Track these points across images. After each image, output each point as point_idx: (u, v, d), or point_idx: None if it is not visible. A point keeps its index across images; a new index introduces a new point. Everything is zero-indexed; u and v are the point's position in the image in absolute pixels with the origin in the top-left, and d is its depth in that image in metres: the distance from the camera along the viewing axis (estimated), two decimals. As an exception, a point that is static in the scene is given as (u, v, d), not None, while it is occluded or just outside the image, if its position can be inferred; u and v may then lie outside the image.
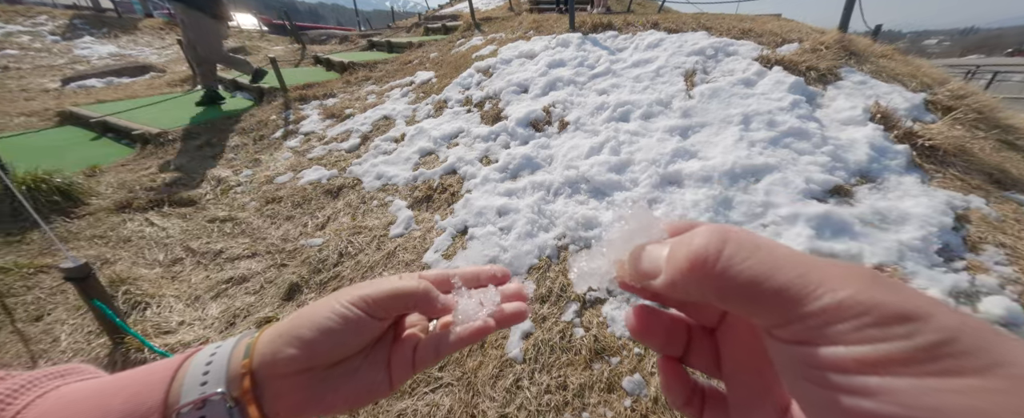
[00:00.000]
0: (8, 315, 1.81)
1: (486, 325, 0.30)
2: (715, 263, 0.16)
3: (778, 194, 1.89)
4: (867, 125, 2.18)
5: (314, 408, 0.27)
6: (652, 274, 0.19)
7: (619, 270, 0.22)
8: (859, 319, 0.13)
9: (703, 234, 0.17)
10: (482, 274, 0.34)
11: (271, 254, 2.28)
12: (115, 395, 0.24)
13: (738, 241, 0.16)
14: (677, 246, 0.18)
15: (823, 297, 0.14)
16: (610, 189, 2.27)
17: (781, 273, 0.15)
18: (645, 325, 0.23)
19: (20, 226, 2.42)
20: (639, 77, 2.99)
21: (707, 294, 0.17)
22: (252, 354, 0.26)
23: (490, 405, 1.46)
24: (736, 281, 0.15)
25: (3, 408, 0.24)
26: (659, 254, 0.19)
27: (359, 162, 3.08)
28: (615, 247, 0.22)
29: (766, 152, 2.11)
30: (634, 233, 0.21)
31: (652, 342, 0.23)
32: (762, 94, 2.48)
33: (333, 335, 0.26)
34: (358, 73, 5.06)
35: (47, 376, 0.27)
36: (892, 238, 1.61)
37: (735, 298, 0.16)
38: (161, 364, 0.26)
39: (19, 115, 4.48)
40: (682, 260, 0.17)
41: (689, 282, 0.17)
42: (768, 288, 0.15)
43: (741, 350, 0.21)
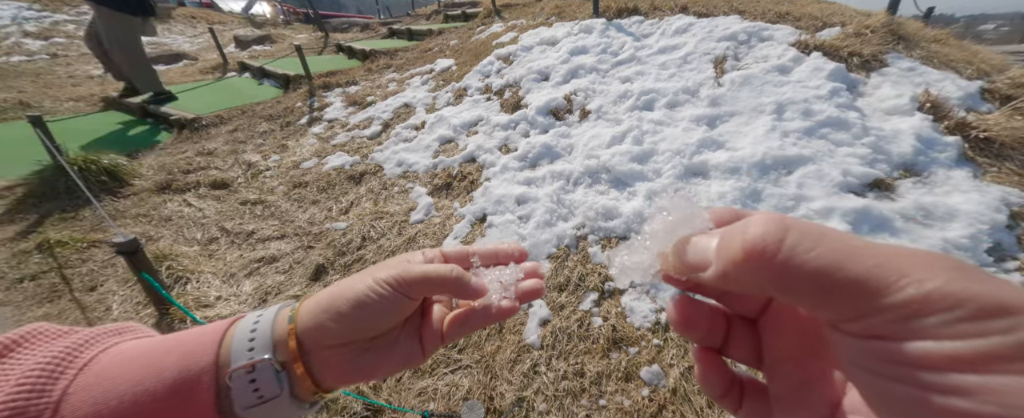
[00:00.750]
0: (67, 285, 1.97)
1: (512, 306, 0.31)
2: (776, 252, 0.15)
3: (812, 187, 1.80)
4: (914, 115, 2.04)
5: (357, 376, 0.29)
6: (701, 266, 0.18)
7: (663, 263, 0.21)
8: (951, 312, 0.12)
9: (760, 222, 0.16)
10: (500, 252, 0.35)
11: (298, 236, 2.37)
12: (169, 353, 0.26)
13: (801, 229, 0.15)
14: (730, 236, 0.17)
15: (907, 288, 0.13)
16: (632, 180, 2.22)
17: (855, 262, 0.14)
18: (687, 316, 0.22)
19: (74, 204, 2.61)
20: (665, 64, 2.89)
21: (766, 286, 0.16)
22: (296, 319, 0.28)
23: (507, 388, 1.49)
24: (801, 271, 0.14)
25: (71, 360, 0.26)
26: (707, 245, 0.18)
27: (380, 149, 3.13)
28: (657, 239, 0.21)
29: (800, 143, 2.01)
30: (677, 224, 0.20)
31: (694, 334, 0.22)
32: (798, 82, 2.35)
33: (369, 311, 0.28)
34: (379, 61, 5.10)
35: (107, 333, 0.30)
36: (937, 235, 1.51)
37: (800, 290, 0.15)
38: (209, 327, 0.28)
39: (68, 100, 4.78)
40: (737, 250, 0.16)
41: (744, 273, 0.16)
42: (841, 279, 0.14)
43: (785, 341, 0.20)
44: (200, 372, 0.25)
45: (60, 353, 0.26)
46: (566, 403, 1.42)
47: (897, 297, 0.13)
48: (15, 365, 0.25)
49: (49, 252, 2.20)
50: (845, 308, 0.14)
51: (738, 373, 0.22)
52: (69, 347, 0.27)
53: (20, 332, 0.27)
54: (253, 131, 3.74)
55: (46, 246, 2.21)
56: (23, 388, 0.24)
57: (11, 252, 2.21)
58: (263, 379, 0.26)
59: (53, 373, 0.25)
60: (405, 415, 1.43)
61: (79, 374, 0.26)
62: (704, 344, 0.22)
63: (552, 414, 1.40)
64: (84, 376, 0.25)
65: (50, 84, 5.52)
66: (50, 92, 5.12)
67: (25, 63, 6.41)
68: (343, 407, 1.44)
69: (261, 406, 0.26)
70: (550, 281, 1.86)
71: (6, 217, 2.52)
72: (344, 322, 0.27)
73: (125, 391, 0.24)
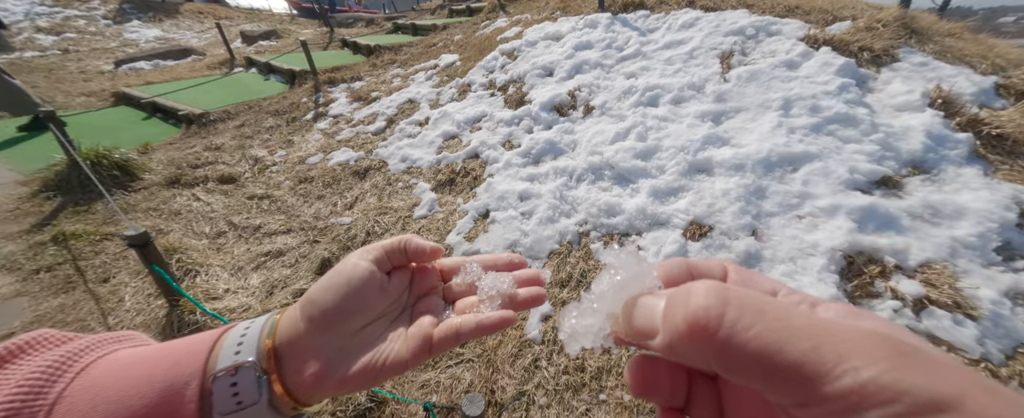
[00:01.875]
0: (81, 276, 2.03)
1: (503, 318, 0.30)
2: (717, 330, 0.14)
3: (817, 184, 1.78)
4: (925, 111, 2.00)
5: (332, 380, 0.27)
6: (648, 333, 0.17)
7: (613, 325, 0.20)
8: (887, 407, 0.12)
9: (701, 293, 0.16)
10: (499, 261, 0.34)
11: (304, 231, 2.40)
12: (161, 362, 0.27)
13: (740, 304, 0.15)
14: (674, 304, 0.16)
15: (843, 377, 0.12)
16: (635, 176, 2.22)
17: (792, 345, 0.13)
18: (647, 380, 0.20)
19: (87, 197, 2.67)
20: (671, 59, 2.86)
21: (709, 362, 0.15)
22: (275, 332, 0.29)
23: (509, 382, 1.51)
24: (742, 353, 0.14)
25: (70, 365, 0.27)
26: (654, 308, 0.17)
27: (385, 145, 3.15)
28: (606, 299, 0.20)
29: (807, 139, 1.98)
30: (625, 283, 0.20)
31: (656, 398, 0.20)
32: (806, 77, 2.31)
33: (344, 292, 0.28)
34: (384, 56, 5.11)
35: (107, 340, 0.31)
36: (944, 233, 1.49)
37: (743, 372, 0.14)
38: (202, 336, 0.29)
39: (80, 95, 4.86)
40: (681, 323, 0.15)
41: (690, 348, 0.15)
42: (780, 362, 0.13)
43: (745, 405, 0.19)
44: (189, 378, 0.26)
45: (59, 357, 0.27)
46: (566, 397, 1.44)
47: (835, 387, 0.12)
48: (17, 370, 0.26)
49: (64, 244, 2.25)
50: (788, 394, 0.13)
51: None
52: (69, 352, 0.28)
53: (26, 338, 0.28)
54: (260, 126, 3.78)
55: (61, 238, 2.27)
56: (22, 389, 0.25)
57: (27, 244, 2.27)
58: (244, 384, 0.26)
59: (51, 376, 0.26)
60: (408, 406, 1.46)
61: (76, 378, 0.27)
62: (667, 405, 0.21)
63: (552, 408, 1.41)
64: (81, 380, 0.26)
65: (62, 79, 5.62)
66: (62, 87, 5.21)
67: (38, 58, 6.52)
68: (348, 398, 1.47)
69: (238, 413, 0.26)
70: (552, 277, 1.87)
71: (22, 209, 2.59)
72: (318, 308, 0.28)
73: (117, 396, 0.25)
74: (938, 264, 1.43)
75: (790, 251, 1.62)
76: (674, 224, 1.90)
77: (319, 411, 1.44)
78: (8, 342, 0.27)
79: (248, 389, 0.26)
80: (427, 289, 0.34)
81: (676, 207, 1.96)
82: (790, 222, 1.72)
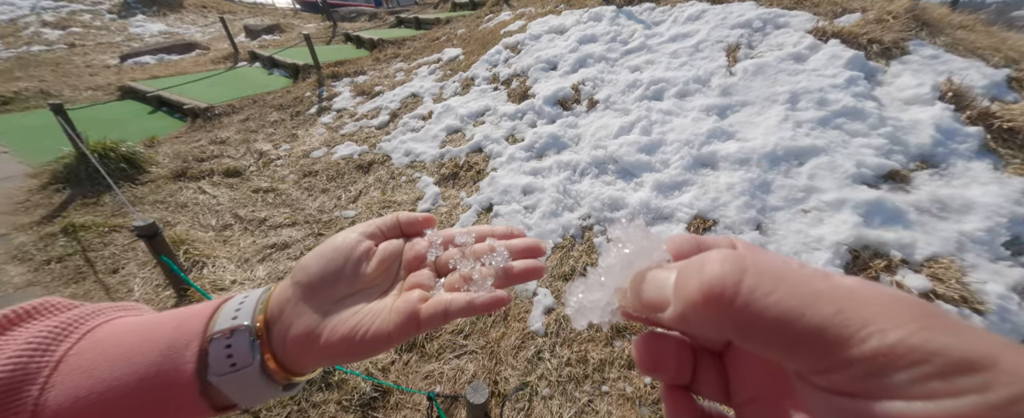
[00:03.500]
0: (91, 267, 2.06)
1: (497, 297, 0.28)
2: (734, 297, 0.14)
3: (824, 178, 1.77)
4: (935, 105, 1.97)
5: (316, 344, 0.27)
6: (659, 305, 0.17)
7: (621, 299, 0.19)
8: (917, 368, 0.11)
9: (716, 261, 0.15)
10: (496, 232, 0.33)
11: (309, 224, 2.42)
12: (164, 324, 0.28)
13: (759, 269, 0.14)
14: (686, 275, 0.16)
15: (869, 340, 0.12)
16: (639, 170, 2.21)
17: (814, 309, 0.13)
18: (655, 357, 0.20)
19: (95, 190, 2.70)
20: (676, 53, 2.83)
21: (727, 332, 0.14)
22: (269, 300, 0.29)
23: (512, 373, 1.53)
24: (761, 319, 0.13)
25: (76, 327, 0.28)
26: (664, 281, 0.17)
27: (388, 139, 3.16)
28: (614, 273, 0.20)
29: (813, 133, 1.96)
30: (633, 257, 0.19)
31: (664, 375, 0.20)
32: (814, 70, 2.28)
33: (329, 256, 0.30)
34: (387, 50, 5.09)
35: (112, 308, 0.32)
36: (952, 228, 1.48)
37: (761, 339, 0.14)
38: (203, 304, 0.30)
39: (87, 89, 4.89)
40: (695, 292, 0.15)
41: (704, 318, 0.15)
42: (801, 328, 0.13)
43: (753, 380, 0.19)
44: (189, 339, 0.27)
45: (65, 320, 0.29)
46: (569, 388, 1.45)
47: (861, 349, 0.12)
48: (24, 331, 0.27)
49: (73, 235, 2.29)
50: (809, 360, 0.13)
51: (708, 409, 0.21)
52: (75, 316, 0.29)
53: (33, 303, 0.29)
54: (264, 120, 3.79)
55: (70, 229, 2.31)
56: (30, 345, 0.26)
57: (38, 235, 2.31)
58: (237, 346, 0.27)
59: (58, 337, 0.27)
60: (412, 396, 1.48)
61: (82, 339, 0.28)
62: (673, 382, 0.20)
63: (555, 399, 1.43)
64: (86, 341, 0.27)
65: (69, 73, 5.66)
66: (69, 81, 5.24)
67: (45, 52, 6.56)
68: (353, 388, 1.50)
69: (232, 374, 0.26)
70: (555, 270, 1.87)
71: (32, 201, 2.63)
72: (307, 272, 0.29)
73: (120, 355, 0.26)
74: (945, 258, 1.42)
75: (795, 245, 1.62)
76: (678, 218, 1.90)
77: (325, 400, 1.47)
78: (16, 306, 0.28)
79: (242, 351, 0.27)
80: (418, 262, 0.33)
81: (680, 201, 1.95)
82: (795, 216, 1.71)
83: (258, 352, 0.27)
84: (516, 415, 1.39)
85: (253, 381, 0.27)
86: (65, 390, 0.25)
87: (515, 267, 0.31)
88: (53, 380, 0.25)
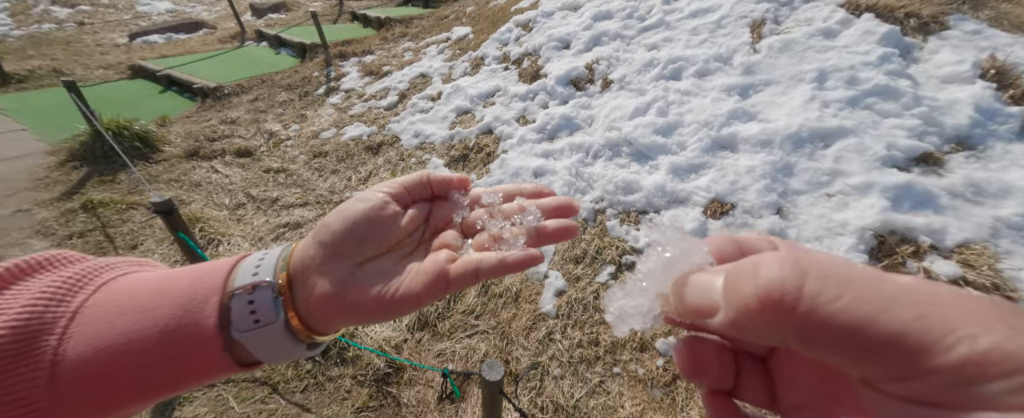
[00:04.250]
0: (111, 243, 2.11)
1: (531, 255, 0.27)
2: (796, 303, 0.13)
3: (850, 161, 1.69)
4: (975, 83, 1.85)
5: (341, 304, 0.26)
6: (706, 311, 0.16)
7: (664, 304, 0.19)
8: (1014, 378, 0.10)
9: (773, 265, 0.14)
10: (524, 190, 0.32)
11: (320, 204, 2.43)
12: (181, 278, 0.27)
13: (822, 272, 0.13)
14: (738, 278, 0.15)
15: (957, 346, 0.11)
16: (654, 153, 2.15)
17: (890, 315, 0.12)
18: (698, 362, 0.19)
19: (111, 167, 2.74)
20: (696, 29, 2.70)
21: (787, 339, 0.14)
22: (290, 258, 0.28)
23: (523, 353, 1.54)
24: (828, 326, 0.12)
25: (92, 278, 0.27)
26: (710, 285, 0.16)
27: (397, 120, 3.12)
28: (654, 278, 0.19)
29: (842, 114, 1.87)
30: (673, 260, 0.19)
31: (706, 380, 0.19)
32: (845, 47, 2.16)
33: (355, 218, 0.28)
34: (394, 29, 4.98)
35: (126, 262, 0.31)
36: (986, 213, 1.41)
37: (827, 346, 0.13)
38: (220, 261, 0.29)
39: (98, 68, 4.91)
40: (750, 298, 0.14)
41: (761, 325, 0.14)
42: (876, 335, 0.12)
43: (803, 385, 0.18)
44: (208, 294, 0.26)
45: (81, 271, 0.28)
46: (581, 369, 1.45)
47: (946, 358, 0.11)
48: (37, 281, 0.26)
49: (93, 212, 2.33)
50: (885, 368, 0.12)
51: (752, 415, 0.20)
52: (89, 268, 0.28)
53: (45, 255, 0.28)
54: (273, 100, 3.77)
55: (90, 206, 2.35)
56: (44, 295, 0.25)
57: (59, 211, 2.36)
58: (260, 302, 0.26)
59: (73, 287, 0.26)
60: (425, 373, 1.50)
61: (98, 291, 0.27)
62: (715, 387, 0.20)
63: (566, 379, 1.44)
64: (102, 293, 0.26)
65: (79, 52, 5.67)
66: (81, 60, 5.26)
67: (55, 31, 6.57)
68: (367, 363, 1.52)
69: (256, 330, 0.26)
70: (566, 253, 1.85)
71: (52, 178, 2.68)
72: (331, 234, 0.27)
73: (138, 307, 0.25)
74: (978, 244, 1.36)
75: (817, 230, 1.57)
76: (694, 202, 1.85)
77: (340, 374, 1.50)
78: (28, 256, 0.27)
79: (265, 308, 0.26)
80: (446, 223, 0.32)
81: (697, 184, 1.90)
82: (818, 200, 1.65)
83: (281, 309, 0.26)
84: (528, 394, 1.41)
85: (278, 338, 0.26)
86: (85, 340, 0.24)
87: (548, 226, 0.29)
88: (71, 330, 0.24)
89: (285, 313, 0.26)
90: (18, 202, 2.43)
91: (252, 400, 1.43)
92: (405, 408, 1.41)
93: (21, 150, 3.02)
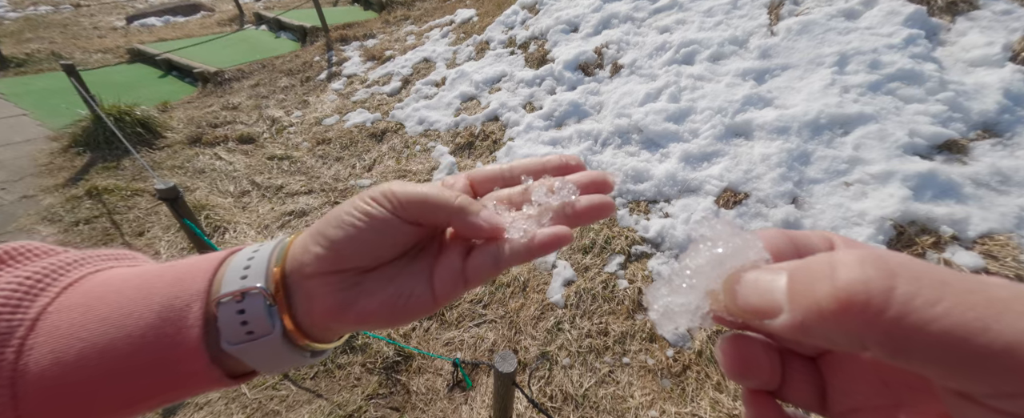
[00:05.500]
0: (117, 229, 2.10)
1: (559, 234, 0.23)
2: (884, 308, 0.12)
3: (871, 149, 1.64)
4: (1005, 66, 1.77)
5: (348, 315, 0.23)
6: (766, 311, 0.15)
7: (713, 302, 0.18)
8: None
9: (855, 264, 0.13)
10: (548, 164, 0.27)
11: (325, 192, 2.41)
12: (161, 277, 0.24)
13: (914, 275, 0.12)
14: (809, 278, 0.14)
15: None
16: (665, 140, 2.09)
17: (1004, 323, 0.11)
18: (747, 362, 0.18)
19: (114, 154, 2.72)
20: (711, 11, 2.59)
21: (868, 345, 0.12)
22: (284, 259, 0.24)
23: (531, 342, 1.53)
24: (924, 334, 0.11)
25: (55, 279, 0.24)
26: (771, 284, 0.15)
27: (401, 106, 3.06)
28: (704, 274, 0.18)
29: (862, 99, 1.80)
30: (725, 256, 0.17)
31: (755, 381, 0.18)
32: (867, 28, 2.06)
33: (357, 232, 0.23)
34: (396, 12, 4.85)
35: (101, 256, 0.28)
36: (1012, 202, 1.37)
37: (920, 356, 0.12)
38: (206, 257, 0.25)
39: (96, 51, 4.83)
40: (826, 299, 0.13)
41: (836, 329, 0.13)
42: (982, 346, 0.11)
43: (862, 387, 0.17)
44: (190, 299, 0.23)
45: (43, 269, 0.24)
46: (590, 359, 1.45)
47: None
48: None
49: (98, 198, 2.33)
50: (992, 382, 0.11)
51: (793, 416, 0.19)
52: (55, 265, 0.25)
53: (7, 247, 0.25)
54: (274, 86, 3.70)
55: (95, 192, 2.34)
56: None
57: (64, 197, 2.36)
58: (252, 312, 0.23)
59: (32, 289, 0.23)
60: (434, 361, 1.51)
61: (62, 293, 0.23)
62: (760, 388, 0.19)
63: (575, 369, 1.44)
64: (68, 296, 0.23)
65: (77, 35, 5.58)
66: (78, 43, 5.18)
67: (52, 13, 6.46)
68: (376, 352, 1.53)
69: (250, 343, 0.23)
70: (575, 243, 1.83)
71: (56, 164, 2.66)
72: (330, 247, 0.23)
73: (109, 314, 0.22)
74: (1002, 235, 1.32)
75: (833, 220, 1.53)
76: (706, 191, 1.81)
77: (350, 362, 1.51)
78: None
79: (258, 318, 0.23)
80: None
81: (709, 173, 1.85)
82: (836, 189, 1.61)
83: (277, 318, 0.23)
84: (537, 383, 1.41)
85: (276, 349, 0.23)
86: (47, 353, 0.21)
87: (579, 203, 0.25)
88: (30, 341, 0.21)
89: (281, 322, 0.23)
90: (24, 188, 2.42)
91: (263, 386, 1.44)
92: (415, 396, 1.42)
93: (24, 135, 3.00)
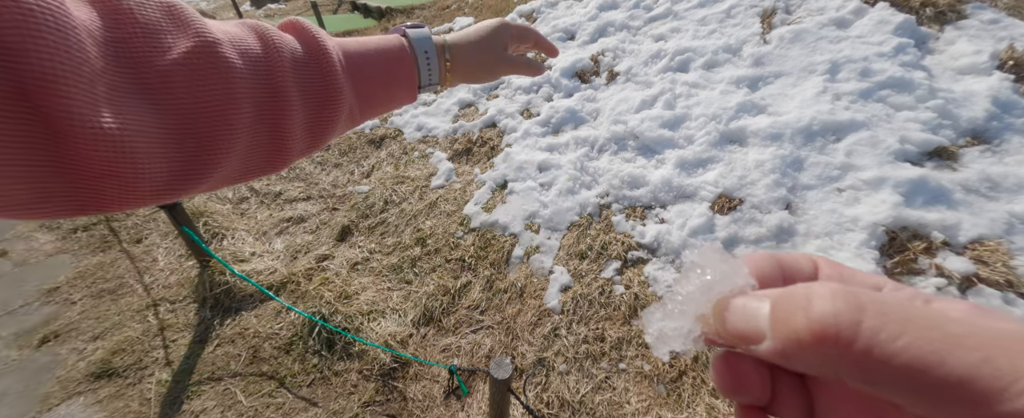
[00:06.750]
0: (115, 236, 2.11)
1: None
2: (853, 340, 0.13)
3: (863, 155, 1.66)
4: (992, 75, 1.80)
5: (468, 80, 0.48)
6: (751, 337, 0.16)
7: (705, 326, 0.19)
8: None
9: (827, 298, 0.14)
10: None
11: (323, 198, 2.42)
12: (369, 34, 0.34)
13: (880, 309, 0.13)
14: (788, 308, 0.15)
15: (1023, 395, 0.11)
16: (661, 147, 2.12)
17: (956, 357, 0.12)
18: (738, 379, 0.19)
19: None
20: (705, 19, 2.63)
21: (841, 374, 0.13)
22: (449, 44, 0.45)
23: (528, 348, 1.54)
24: (888, 366, 0.12)
25: None
26: (755, 312, 0.16)
27: (399, 113, 3.08)
28: (694, 300, 0.19)
29: (854, 107, 1.83)
30: (713, 283, 0.18)
31: (747, 397, 0.19)
32: (858, 37, 2.10)
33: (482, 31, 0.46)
34: (396, 20, 4.91)
35: None
36: (1001, 208, 1.39)
37: (887, 386, 0.12)
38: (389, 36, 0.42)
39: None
40: (802, 331, 0.14)
41: (812, 357, 0.14)
42: (940, 378, 0.12)
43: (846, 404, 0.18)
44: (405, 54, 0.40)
45: None
46: (586, 365, 1.45)
47: (1014, 405, 0.11)
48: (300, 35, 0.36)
49: (96, 208, 2.33)
50: (947, 411, 0.12)
51: None
52: None
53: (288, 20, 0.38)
54: (274, 94, 3.73)
55: (93, 202, 2.34)
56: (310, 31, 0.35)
57: (63, 207, 2.36)
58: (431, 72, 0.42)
59: None
60: (431, 369, 1.51)
61: None
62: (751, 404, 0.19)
63: (572, 375, 1.44)
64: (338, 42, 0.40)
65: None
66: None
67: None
68: (373, 358, 1.53)
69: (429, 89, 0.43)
70: (572, 248, 1.84)
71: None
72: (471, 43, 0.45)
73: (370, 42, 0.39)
74: (992, 241, 1.34)
75: (827, 226, 1.54)
76: (701, 197, 1.83)
77: (347, 369, 1.51)
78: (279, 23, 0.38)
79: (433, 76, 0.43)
80: None
81: (704, 179, 1.87)
82: (829, 195, 1.63)
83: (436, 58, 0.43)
84: (533, 389, 1.41)
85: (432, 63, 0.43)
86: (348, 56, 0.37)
87: None
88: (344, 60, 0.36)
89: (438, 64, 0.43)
90: (22, 197, 2.42)
91: (259, 394, 1.44)
92: (411, 402, 1.42)
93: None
